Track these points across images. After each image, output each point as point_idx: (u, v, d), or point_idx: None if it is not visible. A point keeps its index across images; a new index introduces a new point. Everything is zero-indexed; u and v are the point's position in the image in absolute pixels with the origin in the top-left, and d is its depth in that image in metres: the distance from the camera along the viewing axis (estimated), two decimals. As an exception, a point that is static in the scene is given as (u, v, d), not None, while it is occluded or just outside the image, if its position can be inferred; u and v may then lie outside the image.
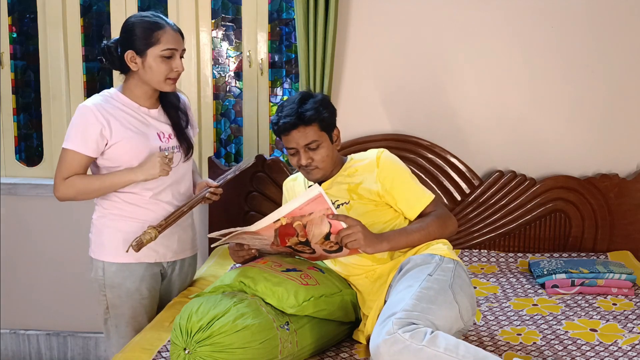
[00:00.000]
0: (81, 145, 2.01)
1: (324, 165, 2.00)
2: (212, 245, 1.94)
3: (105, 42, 2.10)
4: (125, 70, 2.08)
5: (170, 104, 2.17)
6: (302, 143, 1.95)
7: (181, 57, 2.07)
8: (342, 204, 1.99)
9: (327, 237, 1.81)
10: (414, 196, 1.99)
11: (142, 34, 2.01)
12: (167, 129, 2.14)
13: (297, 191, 2.18)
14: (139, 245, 1.97)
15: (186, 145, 2.17)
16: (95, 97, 2.08)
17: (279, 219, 1.76)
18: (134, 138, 2.04)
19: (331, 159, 2.01)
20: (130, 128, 2.05)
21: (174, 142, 2.14)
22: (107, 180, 2.03)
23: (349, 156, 2.12)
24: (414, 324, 1.56)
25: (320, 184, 2.04)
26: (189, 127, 2.23)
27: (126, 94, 2.10)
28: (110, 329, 2.17)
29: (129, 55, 2.02)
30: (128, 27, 2.04)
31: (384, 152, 2.03)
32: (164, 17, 2.06)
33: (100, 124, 2.00)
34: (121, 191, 2.08)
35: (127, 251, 2.01)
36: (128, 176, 2.01)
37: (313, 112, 1.94)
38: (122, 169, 2.04)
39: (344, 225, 1.77)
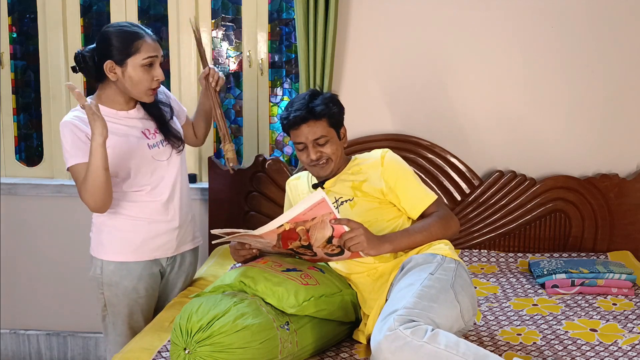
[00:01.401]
0: (82, 156, 1.98)
1: (335, 159, 2.02)
2: (213, 242, 1.94)
3: (79, 50, 2.07)
4: (101, 79, 2.06)
5: (150, 105, 2.14)
6: (311, 138, 1.98)
7: (160, 64, 2.06)
8: (346, 201, 2.00)
9: (329, 240, 1.81)
10: (416, 196, 2.00)
11: (121, 44, 1.98)
12: (151, 125, 2.14)
13: (300, 190, 2.19)
14: (233, 162, 2.22)
15: (173, 137, 2.16)
16: (71, 112, 2.04)
17: (282, 225, 1.77)
18: (118, 142, 2.03)
19: (340, 153, 2.04)
20: (114, 133, 2.01)
21: (160, 136, 2.14)
22: (90, 165, 1.93)
23: (353, 156, 2.14)
24: (415, 321, 1.56)
25: (324, 182, 2.06)
26: (174, 117, 2.22)
27: (101, 103, 2.07)
28: (107, 326, 2.19)
29: (108, 65, 1.99)
30: (105, 37, 2.01)
31: (388, 152, 2.05)
32: (141, 27, 2.05)
33: (84, 132, 1.99)
34: (121, 190, 2.09)
35: (232, 172, 2.31)
36: (94, 146, 1.89)
37: (323, 107, 1.98)
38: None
39: (346, 228, 1.77)
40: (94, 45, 2.05)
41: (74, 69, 2.10)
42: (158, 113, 2.16)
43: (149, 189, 2.10)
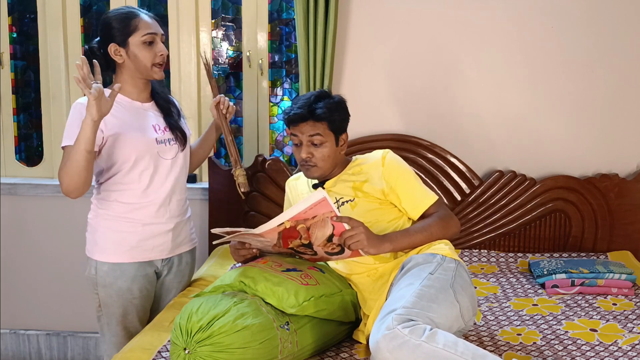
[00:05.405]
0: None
1: (323, 165, 2.00)
2: (213, 243, 1.94)
3: (86, 45, 2.13)
4: (112, 67, 2.10)
5: (161, 99, 2.20)
6: (307, 136, 1.97)
7: (163, 42, 2.10)
8: (347, 201, 2.00)
9: (329, 239, 1.81)
10: (417, 196, 2.00)
11: (119, 25, 2.03)
12: (162, 122, 2.16)
13: (299, 190, 2.19)
14: (244, 187, 2.28)
15: (181, 136, 2.18)
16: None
17: (282, 223, 1.77)
18: (129, 131, 2.05)
19: (332, 160, 2.02)
20: (125, 121, 2.06)
21: (169, 134, 2.15)
22: (75, 143, 1.91)
23: (353, 156, 2.13)
24: (413, 320, 1.56)
25: (324, 182, 2.06)
26: (182, 119, 2.26)
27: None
28: (103, 326, 2.20)
29: (112, 48, 2.04)
30: (104, 23, 2.07)
31: (389, 153, 2.04)
32: (136, 8, 2.10)
33: None
34: (116, 189, 2.09)
35: (244, 198, 2.33)
36: (83, 125, 1.88)
37: (325, 110, 1.97)
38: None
39: (347, 227, 1.77)
40: (98, 37, 2.09)
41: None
42: (167, 107, 2.19)
43: (146, 189, 2.10)
